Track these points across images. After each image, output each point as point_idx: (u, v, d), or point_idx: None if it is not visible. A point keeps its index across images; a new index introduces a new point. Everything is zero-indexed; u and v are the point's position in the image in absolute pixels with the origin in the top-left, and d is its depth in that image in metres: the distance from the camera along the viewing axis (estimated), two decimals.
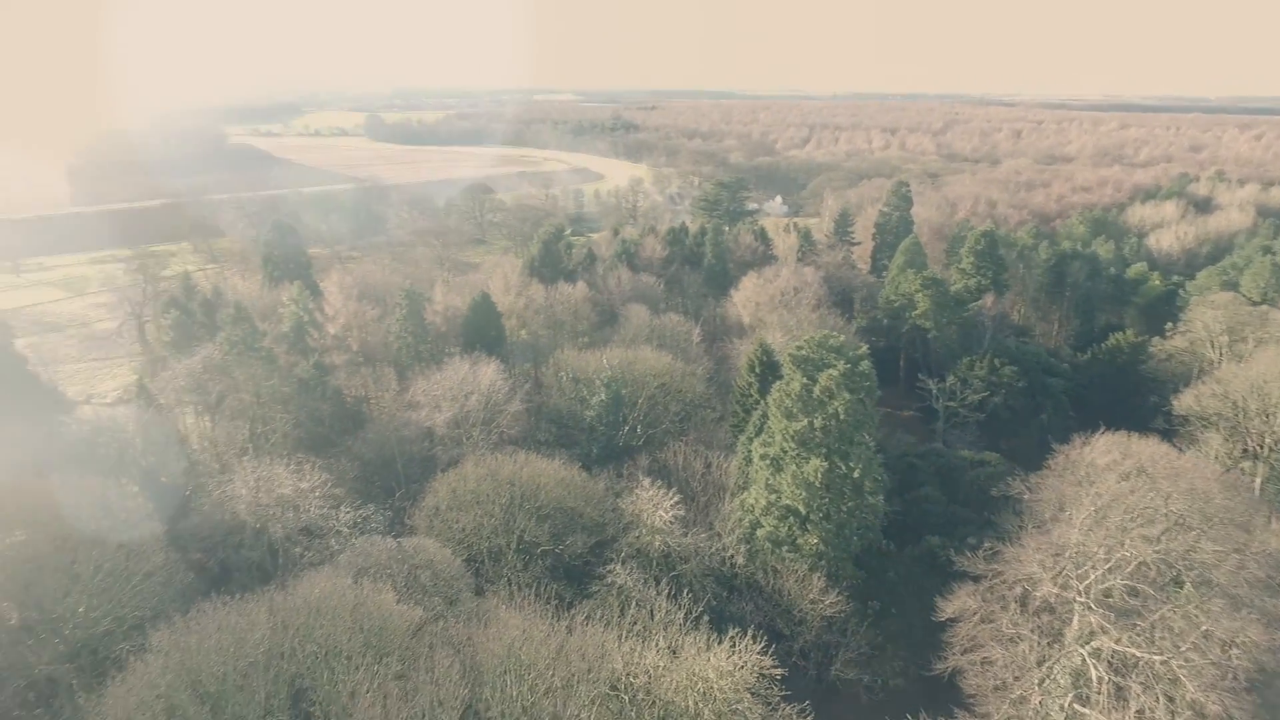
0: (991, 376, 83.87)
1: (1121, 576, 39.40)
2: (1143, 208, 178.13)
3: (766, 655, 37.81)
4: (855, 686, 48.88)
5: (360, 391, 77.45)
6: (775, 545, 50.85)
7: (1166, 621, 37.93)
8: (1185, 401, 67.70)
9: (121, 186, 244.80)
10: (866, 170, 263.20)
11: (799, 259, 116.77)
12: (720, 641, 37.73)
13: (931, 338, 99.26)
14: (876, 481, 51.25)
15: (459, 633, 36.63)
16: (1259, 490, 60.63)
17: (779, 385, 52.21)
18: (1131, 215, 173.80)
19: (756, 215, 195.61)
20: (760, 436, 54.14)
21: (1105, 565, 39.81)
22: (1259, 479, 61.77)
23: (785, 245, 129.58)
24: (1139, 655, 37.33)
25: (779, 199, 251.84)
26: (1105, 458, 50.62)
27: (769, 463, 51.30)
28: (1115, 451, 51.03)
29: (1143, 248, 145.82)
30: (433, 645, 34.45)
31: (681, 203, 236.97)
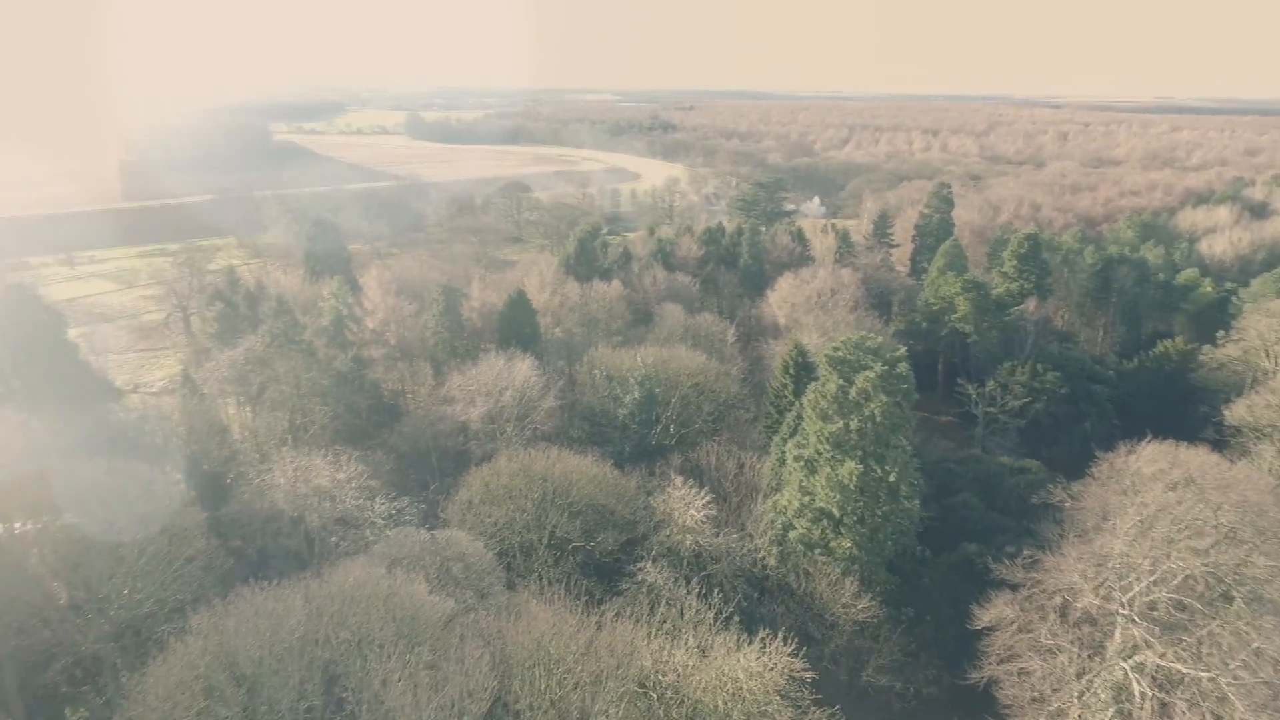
0: (1033, 382, 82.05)
1: (1167, 589, 38.21)
2: (1194, 212, 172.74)
3: (797, 658, 37.42)
4: (887, 693, 48.11)
5: (397, 385, 78.43)
6: (808, 548, 50.32)
7: (1215, 637, 36.68)
8: (1237, 412, 65.57)
9: (171, 182, 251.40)
10: (907, 172, 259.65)
11: (836, 260, 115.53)
12: (750, 642, 37.43)
13: (971, 342, 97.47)
14: (912, 486, 50.43)
15: (489, 625, 36.86)
16: None
17: (814, 386, 51.67)
18: (1182, 220, 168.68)
19: (794, 216, 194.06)
20: (794, 438, 53.64)
21: (1150, 577, 38.65)
22: None
23: (823, 246, 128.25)
24: (1185, 671, 36.17)
25: (817, 200, 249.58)
26: (1152, 467, 49.10)
27: (803, 464, 50.79)
28: (1162, 460, 49.46)
29: (1194, 253, 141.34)
30: (463, 636, 34.70)
31: (718, 203, 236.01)
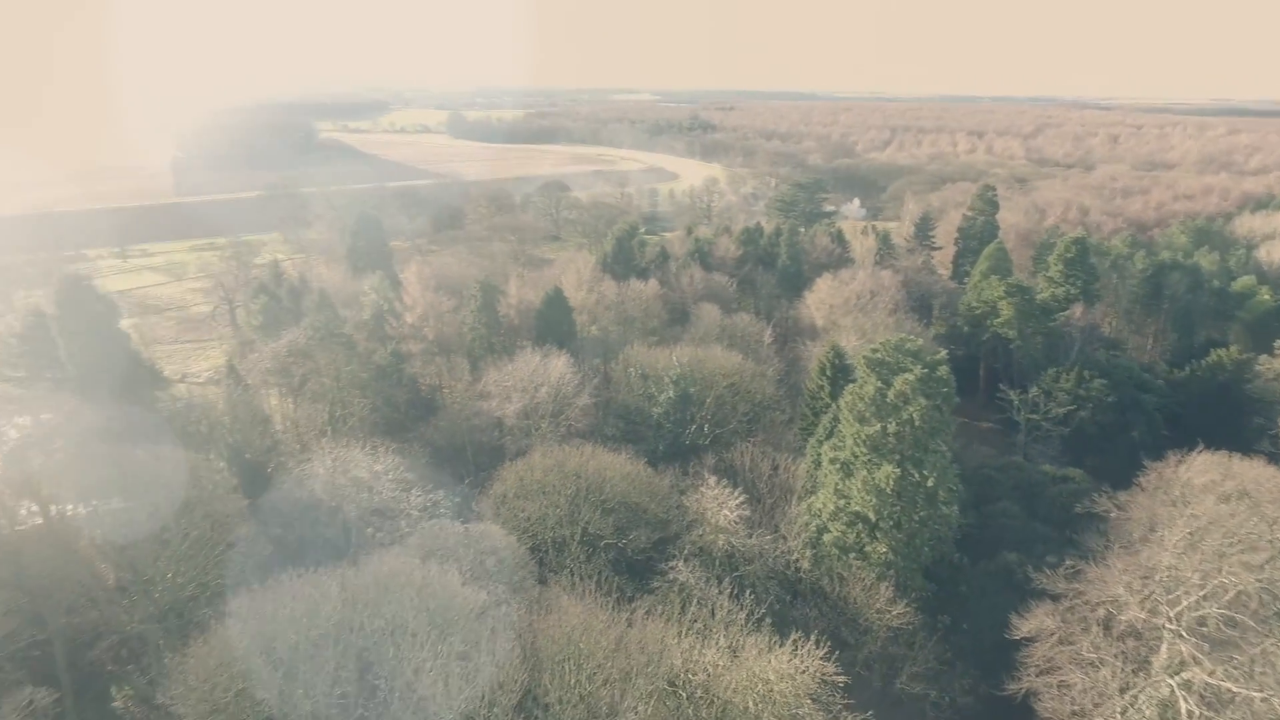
0: (1079, 389, 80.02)
1: (1218, 605, 36.90)
2: (1252, 218, 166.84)
3: (829, 662, 36.90)
4: (921, 701, 47.23)
5: (434, 380, 79.33)
6: (842, 551, 49.68)
7: (1269, 656, 35.31)
8: None
9: (220, 179, 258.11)
10: (950, 174, 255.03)
11: (876, 262, 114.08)
12: (782, 645, 37.02)
13: (1014, 347, 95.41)
14: (951, 491, 49.48)
15: (521, 618, 37.02)
16: None
17: (852, 388, 50.97)
18: (1239, 226, 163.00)
19: (833, 217, 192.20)
20: (830, 440, 53.00)
21: (1200, 592, 37.36)
22: None
23: (862, 248, 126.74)
24: (1236, 690, 34.88)
25: (857, 202, 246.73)
26: (1203, 477, 47.50)
27: (839, 467, 50.15)
28: (1215, 471, 47.81)
29: (1251, 260, 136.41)
30: (495, 629, 34.89)
31: (757, 204, 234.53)
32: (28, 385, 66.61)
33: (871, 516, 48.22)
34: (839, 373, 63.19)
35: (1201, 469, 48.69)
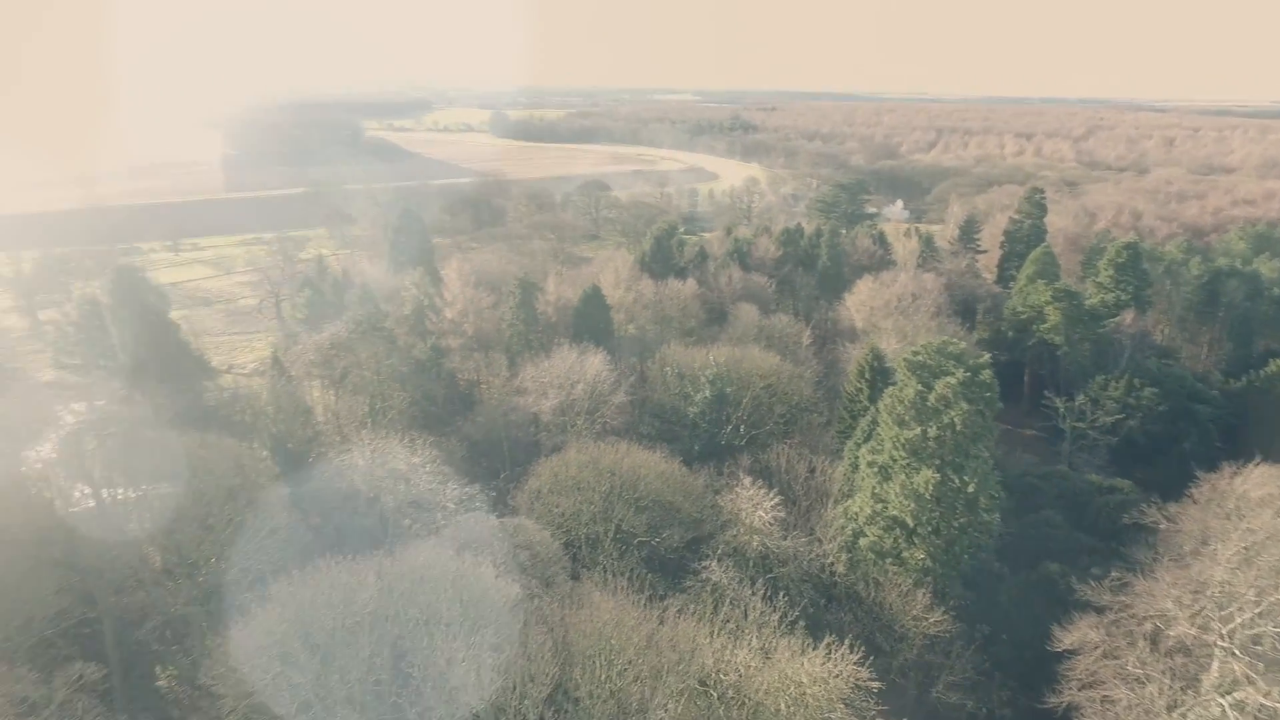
0: (1128, 398, 77.76)
1: (1274, 623, 35.47)
2: None
3: (863, 667, 36.34)
4: (958, 712, 46.30)
5: (472, 375, 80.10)
6: (879, 556, 48.91)
7: None
8: None
9: (269, 175, 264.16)
10: (997, 176, 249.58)
11: (919, 265, 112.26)
12: (815, 648, 36.58)
13: (1061, 354, 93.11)
14: (992, 498, 48.40)
15: (553, 613, 37.16)
16: None
17: (891, 391, 50.15)
18: None
19: (875, 219, 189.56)
20: (868, 443, 52.23)
21: (1255, 609, 35.96)
22: None
23: (905, 250, 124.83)
24: None
25: (900, 204, 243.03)
26: (1260, 490, 45.68)
27: (876, 470, 49.38)
28: (1272, 485, 45.93)
29: None
30: (527, 622, 35.07)
31: (797, 204, 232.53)
32: (83, 372, 68.88)
33: (909, 521, 47.39)
34: (878, 375, 62.28)
35: (1259, 482, 46.83)
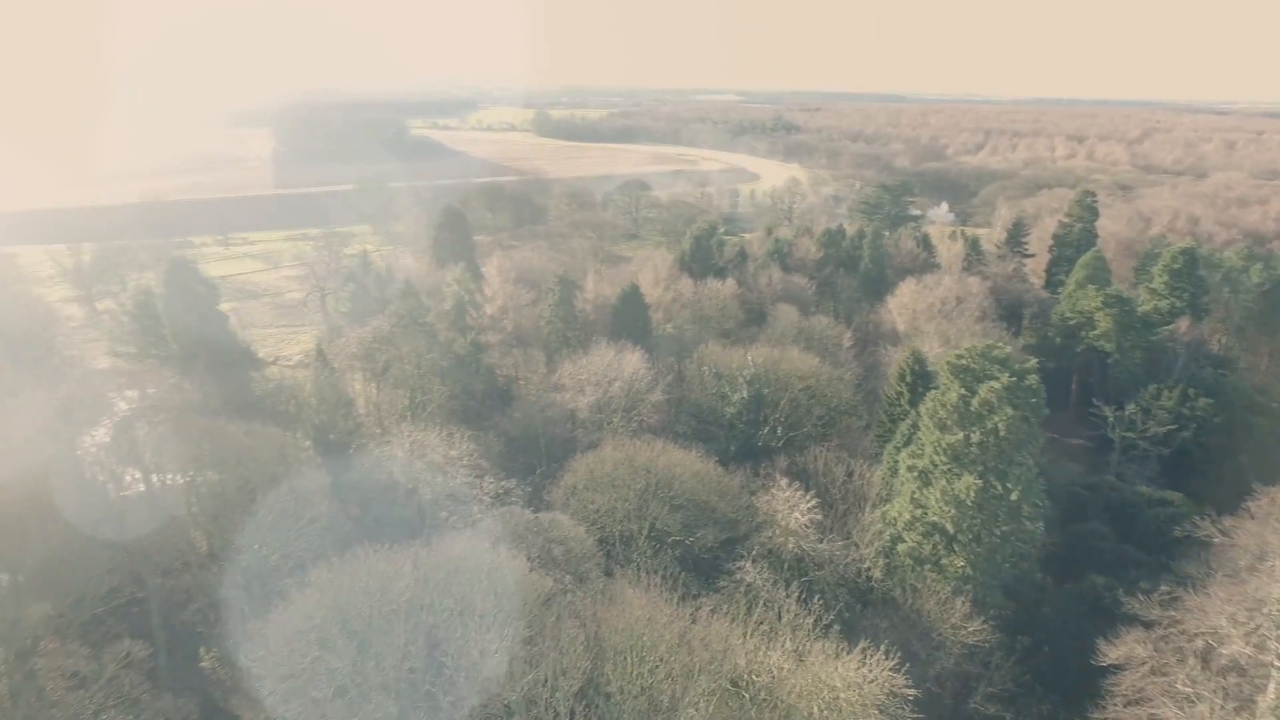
0: (1181, 408, 75.37)
1: None
2: None
3: (899, 674, 35.76)
4: None
5: (510, 371, 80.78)
6: (917, 563, 48.06)
7: None
8: None
9: (317, 172, 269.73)
10: (1047, 180, 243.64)
11: (964, 268, 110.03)
12: (850, 653, 36.09)
13: (1111, 361, 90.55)
14: (1036, 507, 47.23)
15: (586, 608, 37.24)
16: None
17: (934, 394, 49.29)
18: None
19: (920, 221, 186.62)
20: (908, 447, 51.39)
21: None
22: None
23: (950, 253, 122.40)
24: None
25: (945, 206, 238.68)
26: None
27: (916, 475, 48.56)
28: None
29: None
30: (560, 616, 35.20)
31: (839, 206, 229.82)
32: (136, 361, 71.04)
33: (949, 528, 46.50)
34: (919, 379, 61.28)
35: None
